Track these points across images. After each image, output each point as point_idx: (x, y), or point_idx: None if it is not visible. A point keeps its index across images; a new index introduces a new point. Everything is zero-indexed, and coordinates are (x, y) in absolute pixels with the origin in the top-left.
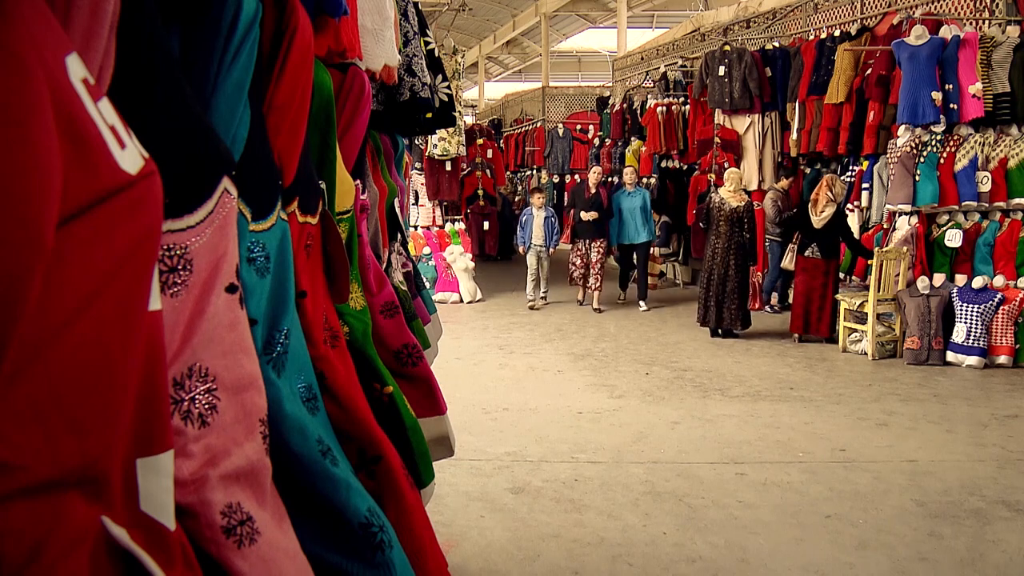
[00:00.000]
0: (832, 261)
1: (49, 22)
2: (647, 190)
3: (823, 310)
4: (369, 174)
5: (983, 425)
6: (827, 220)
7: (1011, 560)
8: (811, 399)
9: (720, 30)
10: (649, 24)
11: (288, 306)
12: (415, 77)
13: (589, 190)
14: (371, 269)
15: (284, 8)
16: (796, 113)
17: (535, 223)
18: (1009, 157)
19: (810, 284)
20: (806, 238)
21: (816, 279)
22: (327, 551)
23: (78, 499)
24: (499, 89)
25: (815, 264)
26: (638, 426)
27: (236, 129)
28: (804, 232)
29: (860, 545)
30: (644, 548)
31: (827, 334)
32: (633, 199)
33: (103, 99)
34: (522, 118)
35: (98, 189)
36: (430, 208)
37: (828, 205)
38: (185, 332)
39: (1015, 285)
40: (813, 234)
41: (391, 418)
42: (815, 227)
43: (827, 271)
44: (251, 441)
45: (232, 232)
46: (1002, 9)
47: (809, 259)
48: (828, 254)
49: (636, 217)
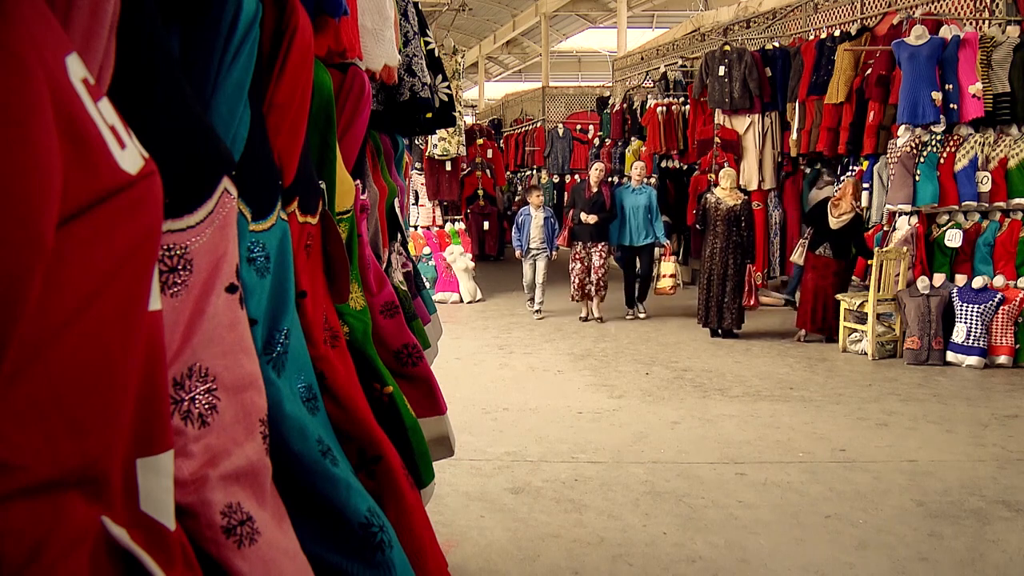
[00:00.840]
0: (843, 262)
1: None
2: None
3: (828, 309)
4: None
5: (983, 425)
6: (845, 224)
7: (1011, 560)
8: (811, 399)
9: (720, 30)
10: (649, 24)
11: (288, 306)
12: (415, 77)
13: (590, 189)
14: (371, 269)
15: (284, 8)
16: (796, 113)
17: (533, 224)
18: (1009, 157)
19: (819, 282)
20: (819, 235)
21: (826, 278)
22: (327, 551)
23: (78, 499)
24: (499, 89)
25: (826, 263)
26: (638, 426)
27: (236, 129)
28: (818, 229)
29: (860, 545)
30: (644, 548)
31: (828, 332)
32: (638, 197)
33: (103, 99)
34: (522, 118)
35: (98, 189)
36: (430, 208)
37: (849, 210)
38: (185, 332)
39: (1015, 285)
40: (827, 233)
41: (391, 418)
42: (832, 227)
43: (837, 271)
44: (251, 441)
45: (232, 232)
46: (1002, 9)
47: (820, 257)
48: (839, 254)
49: (639, 216)
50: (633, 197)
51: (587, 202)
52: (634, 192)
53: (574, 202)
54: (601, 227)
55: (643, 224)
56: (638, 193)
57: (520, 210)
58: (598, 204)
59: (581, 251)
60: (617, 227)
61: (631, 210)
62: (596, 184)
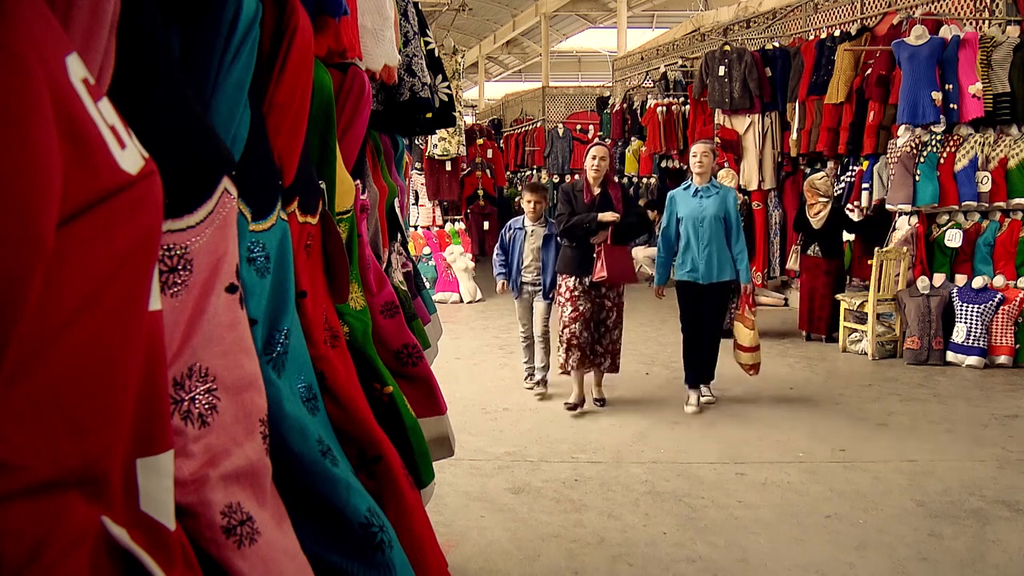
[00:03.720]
0: (834, 261)
1: (49, 22)
2: (732, 189)
3: (824, 309)
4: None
5: (983, 425)
6: (824, 220)
7: (1011, 560)
8: (811, 399)
9: (720, 30)
10: (649, 24)
11: (288, 306)
12: (415, 77)
13: (590, 190)
14: (371, 269)
15: (284, 8)
16: (796, 113)
17: (527, 244)
18: (1009, 157)
19: (812, 283)
20: (808, 238)
21: (818, 278)
22: (327, 551)
23: (78, 499)
24: (499, 89)
25: (816, 263)
26: (638, 426)
27: (236, 129)
28: (806, 232)
29: (860, 545)
30: (644, 548)
31: (824, 333)
32: (703, 201)
33: (103, 99)
34: (522, 118)
35: (98, 189)
36: (430, 208)
37: (821, 205)
38: (185, 332)
39: (1015, 285)
40: (814, 234)
41: (391, 418)
42: (814, 228)
43: (828, 270)
44: (251, 441)
45: (232, 232)
46: (1002, 9)
47: (811, 258)
48: (829, 253)
49: (706, 235)
50: (696, 204)
51: (587, 209)
52: (698, 195)
53: (569, 210)
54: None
55: (714, 246)
56: (703, 195)
57: (509, 223)
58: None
59: (576, 288)
60: (665, 248)
61: (692, 223)
62: (597, 183)
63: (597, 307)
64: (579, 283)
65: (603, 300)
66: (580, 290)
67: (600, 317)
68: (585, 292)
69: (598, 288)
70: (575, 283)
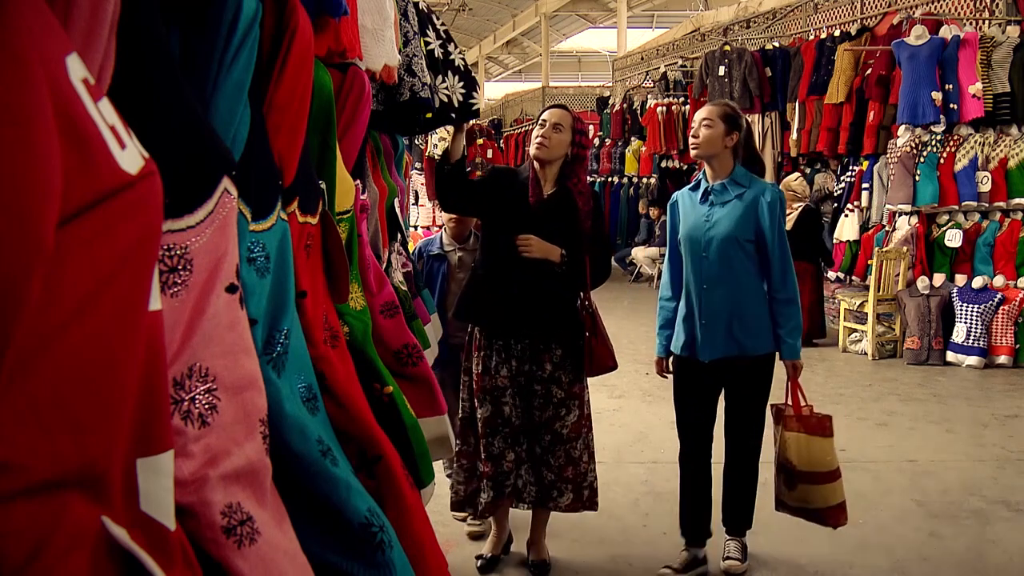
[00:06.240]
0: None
1: (49, 22)
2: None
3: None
4: (369, 174)
5: (983, 425)
6: (795, 220)
7: (1011, 560)
8: (811, 399)
9: (720, 30)
10: (649, 24)
11: (288, 306)
12: (415, 77)
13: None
14: (371, 269)
15: (284, 8)
16: (796, 113)
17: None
18: (1009, 157)
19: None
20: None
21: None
22: (327, 551)
23: (78, 499)
24: (499, 89)
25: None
26: (638, 426)
27: (236, 129)
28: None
29: (860, 545)
30: (644, 548)
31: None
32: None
33: (103, 99)
34: (522, 118)
35: (98, 189)
36: (430, 208)
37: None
38: (185, 332)
39: (1015, 285)
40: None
41: (391, 418)
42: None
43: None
44: (251, 441)
45: (232, 232)
46: (1002, 9)
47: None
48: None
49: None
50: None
51: (521, 223)
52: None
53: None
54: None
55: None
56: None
57: (419, 245)
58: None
59: (488, 356)
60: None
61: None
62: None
63: (517, 391)
64: (487, 348)
65: (521, 388)
66: (497, 357)
67: (539, 409)
68: (499, 360)
69: (515, 358)
70: (481, 344)
